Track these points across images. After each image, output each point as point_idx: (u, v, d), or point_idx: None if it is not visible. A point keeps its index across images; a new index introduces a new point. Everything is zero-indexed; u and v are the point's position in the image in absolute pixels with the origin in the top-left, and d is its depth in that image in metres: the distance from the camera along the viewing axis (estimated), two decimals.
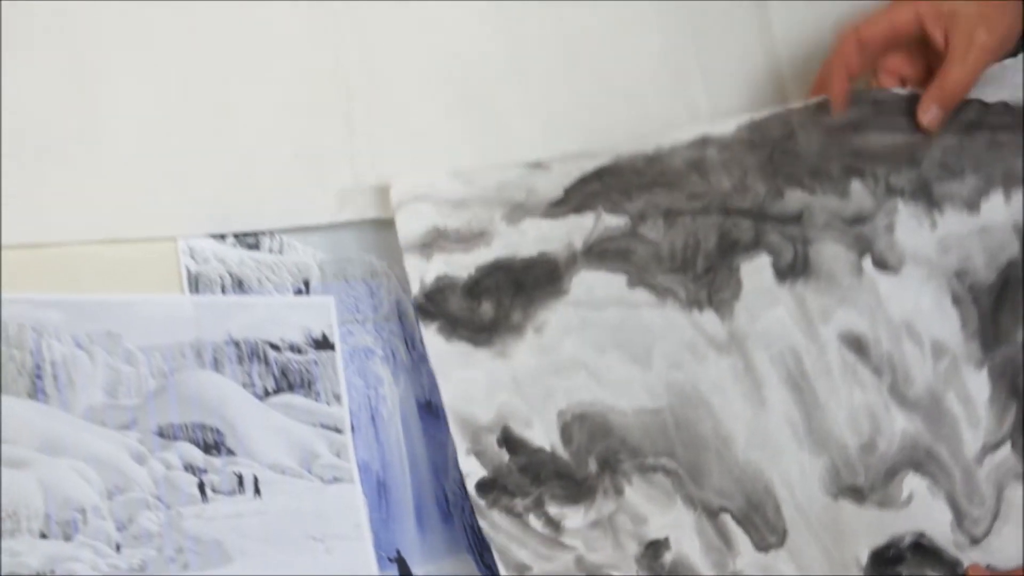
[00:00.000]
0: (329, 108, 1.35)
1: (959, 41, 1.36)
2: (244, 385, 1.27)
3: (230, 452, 1.24)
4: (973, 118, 1.39)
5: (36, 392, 1.21)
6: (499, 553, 1.25)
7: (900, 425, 1.32)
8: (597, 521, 1.27)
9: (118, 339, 1.25)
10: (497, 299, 1.31)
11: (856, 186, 1.37)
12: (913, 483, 1.32)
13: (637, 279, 1.34)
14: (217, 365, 1.27)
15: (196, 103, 1.31)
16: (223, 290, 1.31)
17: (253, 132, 1.32)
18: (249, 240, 1.32)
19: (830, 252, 1.36)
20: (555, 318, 1.32)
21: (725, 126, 1.37)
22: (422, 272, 1.30)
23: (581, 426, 1.30)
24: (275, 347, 1.30)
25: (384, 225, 1.34)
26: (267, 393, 1.27)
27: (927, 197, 1.38)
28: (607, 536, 1.27)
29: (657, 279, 1.34)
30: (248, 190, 1.32)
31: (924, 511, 1.31)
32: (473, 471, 1.27)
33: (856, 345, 1.35)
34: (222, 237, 1.31)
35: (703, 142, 1.37)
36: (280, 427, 1.27)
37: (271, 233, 1.33)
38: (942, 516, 1.32)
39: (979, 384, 1.35)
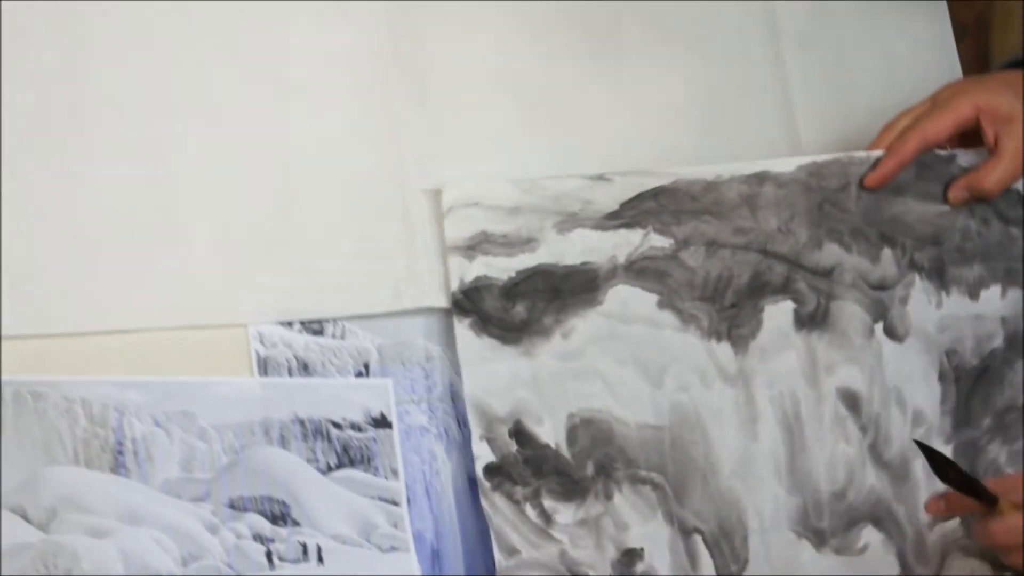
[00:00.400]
0: (388, 207, 1.37)
1: (1009, 145, 1.39)
2: (308, 460, 1.29)
3: (295, 523, 1.27)
4: (992, 206, 1.42)
5: (118, 467, 1.24)
6: (495, 533, 1.29)
7: (871, 481, 1.36)
8: (585, 520, 1.31)
9: (193, 418, 1.27)
10: (532, 302, 1.32)
11: (887, 254, 1.39)
12: (870, 535, 1.35)
13: (667, 301, 1.35)
14: (284, 442, 1.29)
15: (265, 201, 1.34)
16: (290, 372, 1.32)
17: (318, 228, 1.35)
18: (314, 327, 1.33)
19: (850, 311, 1.38)
20: (584, 326, 1.33)
21: (786, 164, 1.39)
22: (463, 271, 1.32)
23: (586, 430, 1.32)
24: (337, 425, 1.31)
25: (437, 313, 1.36)
26: (330, 468, 1.29)
27: (940, 277, 1.41)
28: (591, 536, 1.31)
29: (685, 304, 1.35)
30: (313, 281, 1.33)
31: (875, 562, 1.35)
32: (483, 455, 1.30)
33: (851, 401, 1.38)
34: (289, 324, 1.33)
35: (761, 178, 1.38)
36: (341, 500, 1.29)
37: (334, 320, 1.34)
38: (890, 570, 1.35)
39: None
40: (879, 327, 1.38)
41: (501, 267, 1.32)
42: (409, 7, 1.40)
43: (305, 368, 1.33)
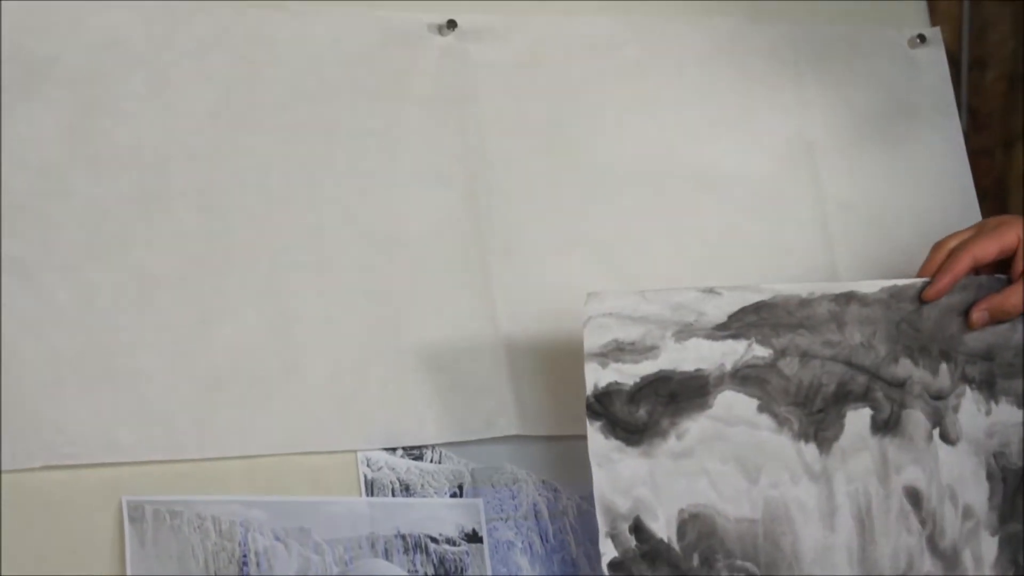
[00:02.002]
0: (482, 347, 1.38)
1: None
2: (409, 572, 1.30)
3: None
4: None
5: None
6: None
7: (927, 568, 1.36)
8: None
9: (308, 533, 1.28)
10: (652, 406, 1.31)
11: (943, 368, 1.39)
12: None
13: (766, 406, 1.33)
14: (388, 555, 1.30)
15: (372, 343, 1.35)
16: (393, 493, 1.33)
17: (419, 366, 1.36)
18: (414, 452, 1.34)
19: (915, 418, 1.38)
20: (695, 428, 1.31)
21: (871, 287, 1.38)
22: (596, 378, 1.29)
23: (694, 524, 1.30)
24: (435, 540, 1.32)
25: (523, 440, 1.37)
26: None
27: (990, 389, 1.40)
28: None
29: (780, 409, 1.34)
30: (414, 413, 1.35)
31: None
32: (608, 551, 1.28)
33: (914, 498, 1.37)
34: (393, 450, 1.34)
35: (848, 297, 1.37)
36: None
37: (432, 447, 1.35)
38: None
39: (990, 548, 1.38)
40: (936, 432, 1.38)
41: (628, 373, 1.30)
42: (499, 174, 1.43)
43: (407, 489, 1.33)
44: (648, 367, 1.31)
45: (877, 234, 1.53)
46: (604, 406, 1.29)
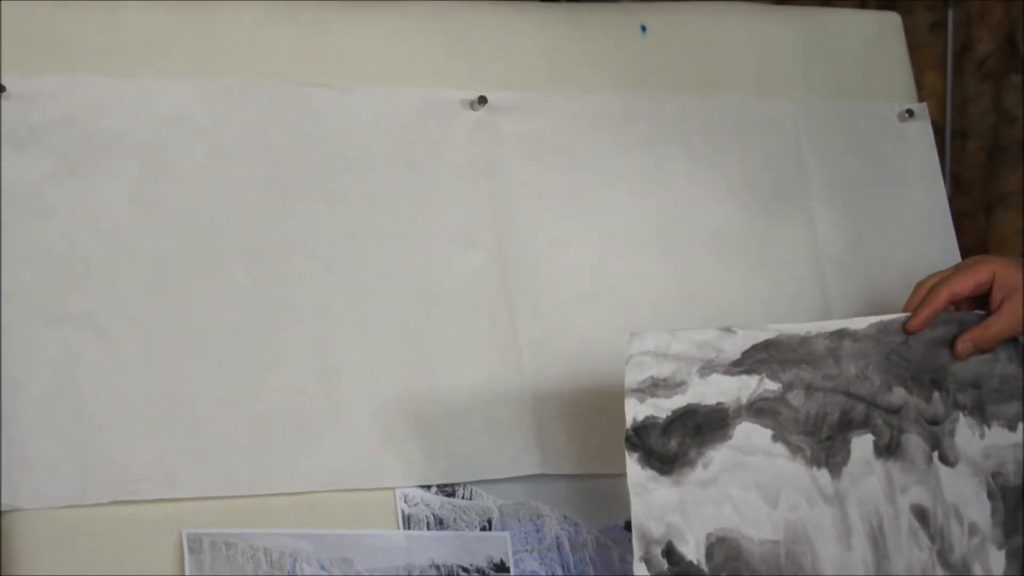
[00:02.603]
0: (509, 394, 1.40)
1: (1009, 309, 1.41)
2: None
3: None
4: None
5: None
6: None
7: None
8: None
9: (351, 563, 1.30)
10: (681, 438, 1.31)
11: (936, 396, 1.41)
12: None
13: (779, 435, 1.34)
14: None
15: (410, 389, 1.38)
16: (428, 526, 1.35)
17: (452, 411, 1.38)
18: (447, 489, 1.37)
19: (914, 442, 1.39)
20: (719, 457, 1.32)
21: (860, 323, 1.39)
22: (635, 412, 1.29)
23: (721, 547, 1.30)
24: (466, 570, 1.34)
25: (546, 478, 1.39)
26: None
27: (981, 414, 1.42)
28: None
29: (792, 438, 1.35)
30: (447, 453, 1.37)
31: None
32: (642, 574, 1.28)
33: (921, 516, 1.38)
34: (428, 487, 1.36)
35: (841, 334, 1.38)
36: None
37: (464, 484, 1.37)
38: None
39: (997, 560, 1.40)
40: (935, 455, 1.40)
41: (662, 407, 1.30)
42: (525, 235, 1.45)
43: (440, 523, 1.35)
44: (678, 401, 1.31)
45: (869, 290, 1.55)
46: (641, 439, 1.30)
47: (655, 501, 1.29)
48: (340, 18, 1.43)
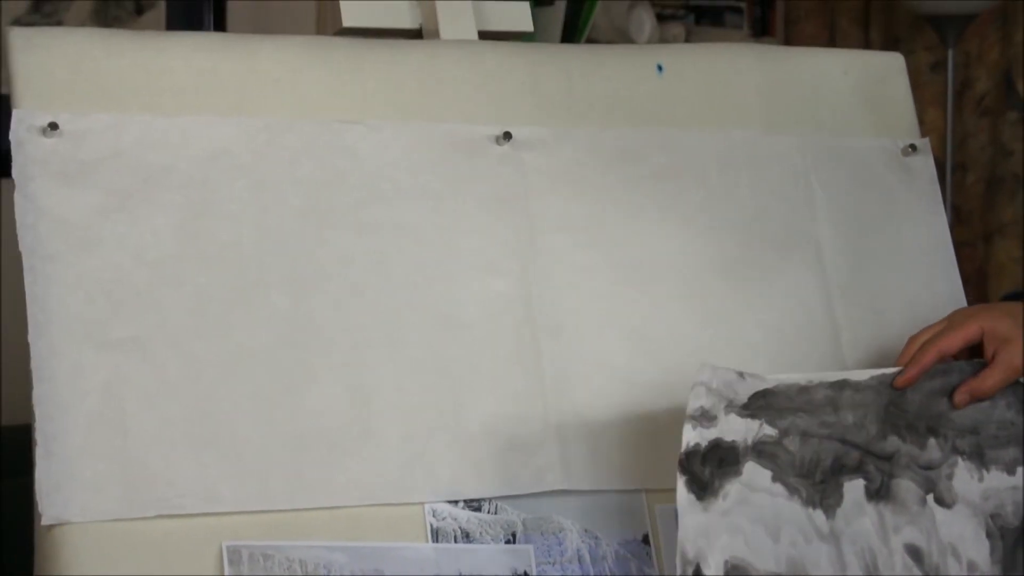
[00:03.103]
0: (533, 413, 1.41)
1: (1005, 359, 1.43)
2: None
3: None
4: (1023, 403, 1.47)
5: None
6: None
7: None
8: None
9: (382, 574, 1.30)
10: (711, 468, 1.33)
11: (932, 442, 1.42)
12: None
13: (778, 476, 1.36)
14: None
15: (438, 409, 1.38)
16: (455, 539, 1.35)
17: (479, 430, 1.39)
18: (474, 504, 1.37)
19: (905, 486, 1.40)
20: (733, 490, 1.34)
21: (862, 375, 1.41)
22: (688, 438, 1.33)
23: (735, 574, 1.32)
24: None
25: (568, 494, 1.39)
26: None
27: (980, 459, 1.43)
28: None
29: (791, 479, 1.36)
30: (474, 469, 1.38)
31: None
32: None
33: (915, 555, 1.40)
34: (455, 502, 1.37)
35: (842, 384, 1.40)
36: None
37: (489, 500, 1.38)
38: None
39: None
40: (930, 498, 1.41)
41: (702, 436, 1.34)
42: (547, 265, 1.45)
43: (467, 536, 1.36)
44: (712, 433, 1.34)
45: (875, 316, 1.55)
46: (690, 464, 1.33)
47: (691, 524, 1.31)
48: (373, 56, 1.45)
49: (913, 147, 1.61)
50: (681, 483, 1.32)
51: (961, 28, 3.12)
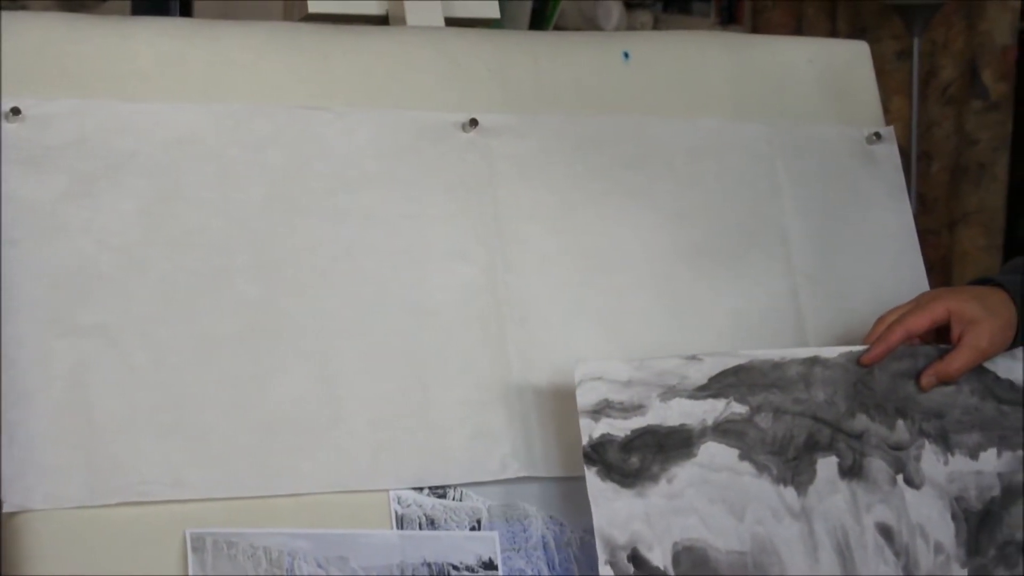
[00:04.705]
0: (498, 401, 1.41)
1: (970, 341, 1.44)
2: None
3: None
4: (988, 388, 1.47)
5: None
6: None
7: None
8: None
9: (347, 561, 1.31)
10: (643, 455, 1.34)
11: (900, 424, 1.43)
12: None
13: (746, 455, 1.37)
14: None
15: (403, 396, 1.38)
16: (420, 526, 1.35)
17: (444, 417, 1.39)
18: (439, 491, 1.37)
19: (876, 465, 1.42)
20: (683, 473, 1.35)
21: (831, 352, 1.43)
22: (591, 430, 1.34)
23: (688, 556, 1.34)
24: (456, 568, 1.35)
25: (533, 480, 1.40)
26: None
27: (945, 442, 1.45)
28: None
29: (760, 457, 1.38)
30: (439, 457, 1.38)
31: None
32: None
33: (886, 533, 1.41)
34: (420, 489, 1.37)
35: (813, 360, 1.42)
36: None
37: (454, 487, 1.38)
38: None
39: None
40: (900, 478, 1.42)
41: (619, 427, 1.34)
42: (515, 252, 1.45)
43: (432, 523, 1.36)
44: (637, 422, 1.34)
45: (840, 302, 1.56)
46: (599, 454, 1.34)
47: (618, 510, 1.32)
48: (339, 43, 1.45)
49: (878, 135, 1.62)
50: (591, 473, 1.32)
51: (928, 17, 3.13)
